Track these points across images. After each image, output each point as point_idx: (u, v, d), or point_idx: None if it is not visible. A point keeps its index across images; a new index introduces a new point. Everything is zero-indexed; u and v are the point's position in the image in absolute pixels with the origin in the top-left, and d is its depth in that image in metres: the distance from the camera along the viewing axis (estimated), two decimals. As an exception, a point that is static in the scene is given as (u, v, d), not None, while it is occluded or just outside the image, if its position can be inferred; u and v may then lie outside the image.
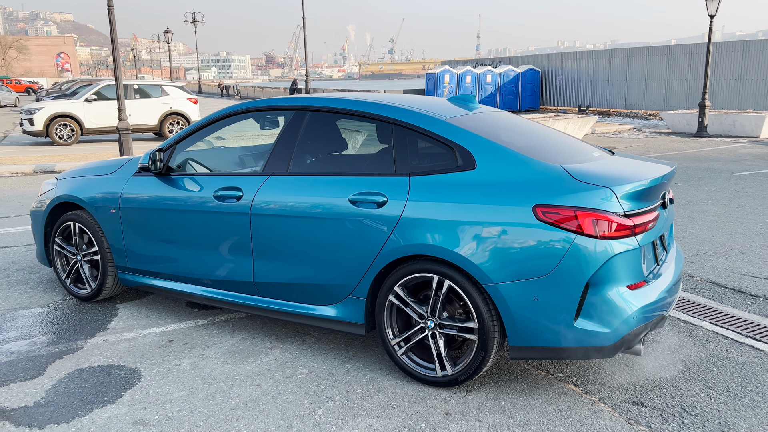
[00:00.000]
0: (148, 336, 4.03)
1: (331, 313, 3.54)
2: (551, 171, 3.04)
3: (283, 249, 3.61)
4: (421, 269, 3.19)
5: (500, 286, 2.96)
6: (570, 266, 2.86)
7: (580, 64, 28.87)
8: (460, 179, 3.16)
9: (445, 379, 3.20)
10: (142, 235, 4.19)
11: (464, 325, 3.12)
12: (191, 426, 2.96)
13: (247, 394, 3.26)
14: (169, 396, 3.25)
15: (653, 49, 25.99)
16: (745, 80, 22.44)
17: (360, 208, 3.34)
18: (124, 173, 4.34)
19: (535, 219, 2.92)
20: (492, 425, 2.90)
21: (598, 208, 2.86)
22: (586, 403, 3.08)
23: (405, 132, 3.42)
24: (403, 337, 3.32)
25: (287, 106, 3.91)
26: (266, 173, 3.75)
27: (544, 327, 2.94)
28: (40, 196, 4.92)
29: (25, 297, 4.81)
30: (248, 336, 4.00)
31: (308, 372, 3.49)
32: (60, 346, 3.90)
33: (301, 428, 2.92)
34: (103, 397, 3.25)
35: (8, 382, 3.44)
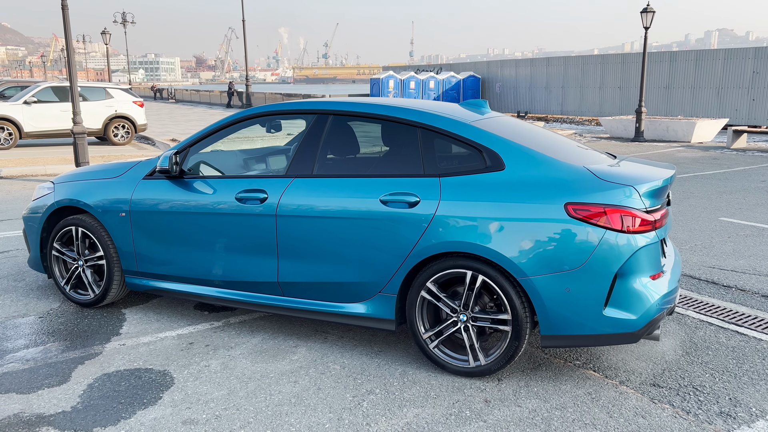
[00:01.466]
0: (166, 339, 4.03)
1: (361, 310, 3.66)
2: (577, 171, 3.28)
3: (311, 249, 3.71)
4: (454, 265, 3.36)
5: (534, 280, 3.17)
6: (600, 259, 3.11)
7: (519, 72, 29.86)
8: (490, 179, 3.36)
9: (479, 369, 3.39)
10: (156, 239, 4.17)
11: (497, 317, 3.31)
12: (242, 423, 3.02)
13: (288, 390, 3.34)
14: (209, 396, 3.29)
15: (588, 58, 27.22)
16: (672, 88, 23.86)
17: (391, 208, 3.48)
18: (133, 176, 4.31)
19: (567, 216, 3.15)
20: (531, 409, 3.10)
21: (625, 205, 3.13)
22: (611, 387, 3.33)
23: (432, 135, 3.59)
24: (435, 331, 3.48)
25: (308, 109, 4.01)
26: (290, 175, 3.83)
27: (575, 316, 3.17)
28: (33, 201, 4.79)
29: (20, 305, 4.67)
30: (269, 336, 4.06)
31: (340, 368, 3.59)
32: (76, 352, 3.85)
33: (352, 420, 3.03)
34: (142, 399, 3.26)
35: (35, 389, 3.38)
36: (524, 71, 29.67)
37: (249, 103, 37.60)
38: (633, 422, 2.97)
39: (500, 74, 30.74)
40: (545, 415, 3.05)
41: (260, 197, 3.82)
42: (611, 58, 26.31)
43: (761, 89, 21.35)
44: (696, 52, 23.40)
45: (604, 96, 26.29)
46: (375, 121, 3.85)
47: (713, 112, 22.40)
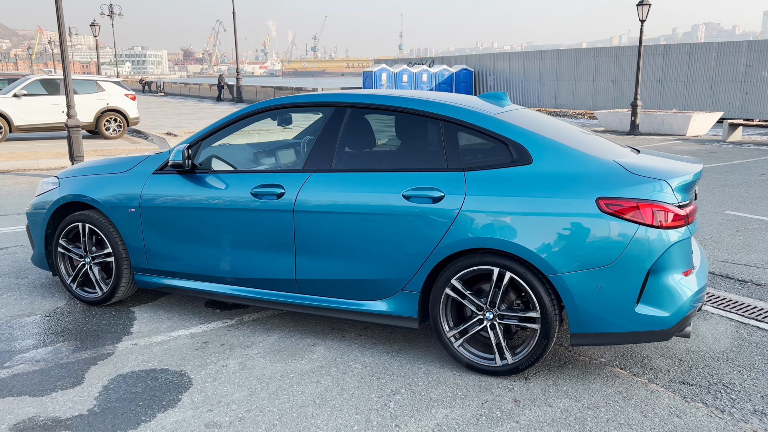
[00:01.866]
0: (179, 338, 3.92)
1: (382, 307, 3.57)
2: (608, 165, 3.21)
3: (330, 246, 3.61)
4: (480, 262, 3.28)
5: (565, 276, 3.10)
6: (633, 255, 3.04)
7: (512, 65, 29.80)
8: (517, 173, 3.27)
9: (506, 368, 3.31)
10: (167, 235, 4.06)
11: (526, 315, 3.24)
12: (268, 425, 2.93)
13: (310, 391, 3.25)
14: (230, 397, 3.19)
15: (581, 51, 27.20)
16: (666, 82, 23.89)
17: (414, 203, 3.39)
18: (142, 171, 4.19)
19: (599, 211, 3.07)
20: (563, 409, 3.03)
21: (658, 200, 3.05)
22: (640, 385, 3.27)
23: (455, 128, 3.50)
24: (460, 329, 3.40)
25: (325, 102, 3.90)
26: (308, 170, 3.73)
27: (607, 314, 3.10)
28: (37, 196, 4.65)
29: (24, 303, 4.54)
30: (285, 334, 3.97)
31: (362, 367, 3.51)
32: (88, 352, 3.73)
33: (381, 422, 2.95)
34: (161, 402, 3.15)
35: (48, 391, 3.27)
36: (517, 64, 29.61)
37: (240, 97, 37.32)
38: (668, 422, 2.91)
39: (493, 67, 30.67)
40: (578, 415, 2.98)
41: (277, 192, 3.71)
42: (604, 51, 26.30)
43: (754, 83, 21.42)
44: (689, 45, 23.43)
45: (597, 89, 26.30)
46: (394, 114, 3.76)
47: (707, 105, 22.46)
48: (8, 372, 3.49)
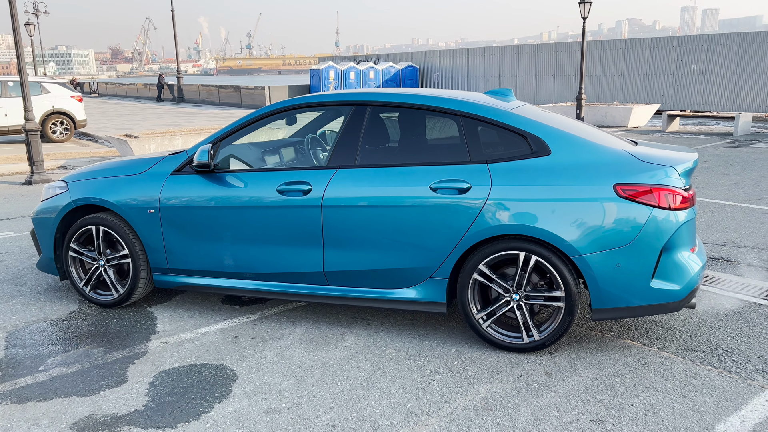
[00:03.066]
0: (208, 335, 4.01)
1: (411, 294, 3.78)
2: (621, 154, 3.52)
3: (359, 238, 3.79)
4: (507, 248, 3.54)
5: (587, 257, 3.39)
6: (648, 235, 3.36)
7: (456, 62, 30.42)
8: (537, 164, 3.54)
9: (532, 344, 3.58)
10: (189, 235, 4.13)
11: (551, 295, 3.51)
12: (325, 408, 3.09)
13: (354, 375, 3.43)
14: (279, 385, 3.33)
15: (523, 47, 28.05)
16: (603, 76, 24.96)
17: (441, 194, 3.61)
18: (159, 172, 4.24)
19: (617, 196, 3.38)
20: (593, 378, 3.33)
21: (669, 184, 3.39)
22: (653, 353, 3.61)
23: (475, 123, 3.74)
24: (488, 311, 3.65)
25: (345, 101, 4.06)
26: (333, 166, 3.89)
27: (625, 290, 3.41)
28: (43, 201, 4.62)
29: (34, 309, 4.51)
30: (312, 325, 4.12)
31: (396, 352, 3.71)
32: (120, 352, 3.78)
33: (430, 399, 3.16)
34: (212, 393, 3.27)
35: (95, 390, 3.32)
36: (461, 61, 30.25)
37: (181, 96, 36.54)
38: (687, 383, 3.24)
39: (438, 64, 31.21)
40: (607, 382, 3.28)
41: (303, 189, 3.86)
42: (545, 47, 27.22)
43: (685, 76, 22.68)
44: (625, 41, 24.56)
45: (539, 84, 27.20)
46: (414, 111, 3.96)
47: (642, 97, 23.62)
48: (46, 375, 3.51)
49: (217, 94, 33.87)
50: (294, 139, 5.17)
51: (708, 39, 22.19)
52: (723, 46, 21.63)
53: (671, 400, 3.09)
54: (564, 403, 3.08)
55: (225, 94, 33.09)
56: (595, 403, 3.08)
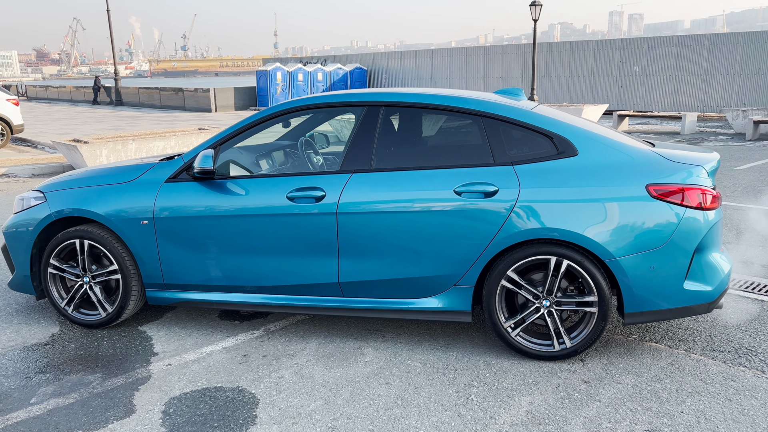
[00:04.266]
0: (213, 354, 3.72)
1: (434, 304, 3.60)
2: (649, 155, 3.45)
3: (378, 246, 3.59)
4: (536, 252, 3.41)
5: (621, 260, 3.30)
6: (682, 235, 3.30)
7: (405, 63, 30.46)
8: (566, 165, 3.43)
9: (564, 352, 3.47)
10: (188, 247, 3.83)
11: (583, 300, 3.41)
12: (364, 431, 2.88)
13: (385, 393, 3.22)
14: (307, 408, 3.10)
15: (470, 49, 28.35)
16: (550, 78, 25.50)
17: (466, 198, 3.45)
18: (151, 180, 3.91)
19: (649, 197, 3.30)
20: (633, 384, 3.24)
21: (700, 184, 3.34)
22: (683, 356, 3.55)
23: (497, 123, 3.60)
24: (517, 319, 3.51)
25: (357, 101, 3.85)
26: (346, 170, 3.67)
27: (659, 292, 3.34)
28: (16, 214, 4.20)
29: (9, 333, 4.09)
30: (324, 340, 3.88)
31: (422, 365, 3.52)
32: (120, 378, 3.45)
33: (473, 415, 2.99)
34: (236, 420, 3.00)
35: (103, 423, 2.99)
36: (409, 63, 30.30)
37: (120, 99, 35.17)
38: (728, 386, 3.20)
39: (386, 66, 31.17)
40: (648, 388, 3.20)
41: (316, 195, 3.62)
42: (493, 49, 27.59)
43: (627, 77, 23.42)
44: (570, 44, 25.16)
45: (487, 86, 27.51)
46: (431, 111, 3.79)
47: (588, 98, 24.25)
48: (41, 408, 3.15)
49: (159, 97, 32.74)
50: (285, 142, 4.91)
51: (648, 42, 22.99)
52: (663, 48, 22.46)
53: (718, 404, 3.03)
54: (613, 414, 2.97)
55: (167, 97, 32.01)
56: (644, 411, 2.98)
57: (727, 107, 20.57)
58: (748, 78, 20.54)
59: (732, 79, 20.90)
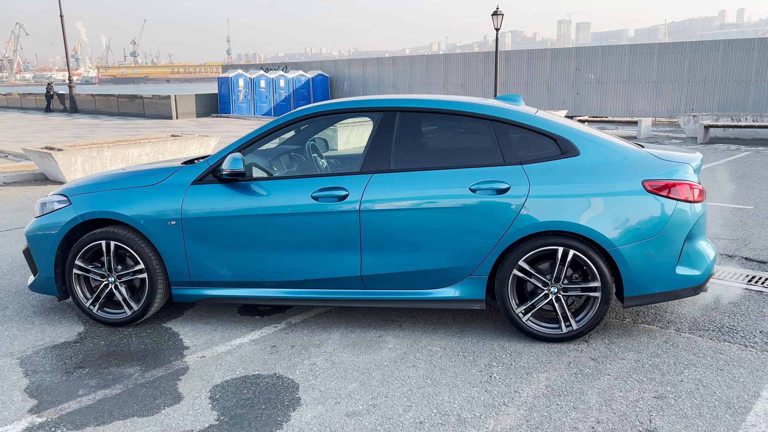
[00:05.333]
0: (243, 346, 3.93)
1: (450, 294, 3.91)
2: (642, 154, 3.85)
3: (398, 241, 3.87)
4: (545, 243, 3.76)
5: (622, 249, 3.68)
6: (674, 226, 3.70)
7: (367, 70, 30.83)
8: (570, 164, 3.79)
9: (571, 333, 3.82)
10: (216, 246, 4.03)
11: (588, 286, 3.77)
12: (404, 407, 3.16)
13: (414, 374, 3.51)
14: (345, 389, 3.35)
15: (432, 57, 28.92)
16: (509, 84, 26.23)
17: (481, 195, 3.78)
18: (177, 182, 4.11)
19: (645, 192, 3.69)
20: (635, 360, 3.61)
21: (688, 180, 3.74)
22: (674, 334, 3.95)
23: (505, 127, 3.94)
24: (527, 305, 3.84)
25: (373, 107, 4.13)
26: (367, 171, 3.94)
27: (654, 277, 3.73)
28: (40, 217, 4.32)
29: (35, 333, 4.20)
30: (346, 330, 4.13)
31: (442, 350, 3.82)
32: (159, 370, 3.63)
33: (498, 390, 3.30)
34: (282, 402, 3.23)
35: (155, 410, 3.18)
36: (371, 70, 30.69)
37: (74, 107, 34.41)
38: (718, 358, 3.60)
39: (348, 73, 31.48)
40: (650, 363, 3.57)
41: (339, 194, 3.89)
42: (453, 57, 28.22)
43: (583, 84, 24.35)
44: (528, 52, 25.98)
45: (449, 93, 28.12)
46: (444, 116, 4.10)
47: (545, 104, 25.07)
48: (90, 399, 3.31)
49: (117, 104, 32.21)
50: (291, 146, 5.15)
51: (603, 50, 23.96)
52: (616, 57, 23.45)
53: (712, 374, 3.42)
54: (622, 384, 3.33)
55: (125, 104, 31.54)
56: (649, 382, 3.35)
57: (676, 113, 21.66)
58: (695, 85, 21.66)
59: (681, 87, 21.99)
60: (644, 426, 2.93)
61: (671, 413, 3.04)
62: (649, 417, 3.01)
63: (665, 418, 2.99)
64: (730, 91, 20.90)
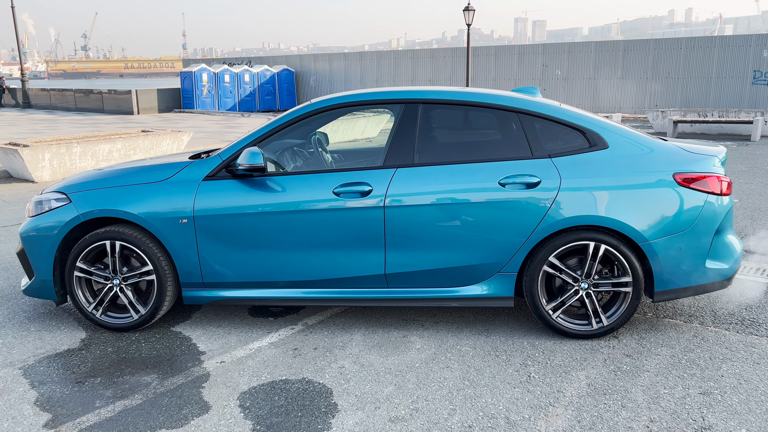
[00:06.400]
0: (262, 350, 3.74)
1: (478, 291, 3.80)
2: (670, 147, 3.80)
3: (425, 238, 3.74)
4: (577, 238, 3.68)
5: (654, 243, 3.62)
6: (705, 219, 3.66)
7: (333, 66, 30.53)
8: (599, 157, 3.72)
9: (601, 330, 3.75)
10: (231, 245, 3.83)
11: (619, 281, 3.70)
12: (448, 411, 3.03)
13: (450, 376, 3.38)
14: (382, 393, 3.21)
15: (399, 53, 28.81)
16: (476, 80, 26.32)
17: (510, 190, 3.67)
18: (187, 178, 3.88)
19: (677, 185, 3.64)
20: (669, 355, 3.56)
21: (717, 172, 3.71)
22: (700, 329, 3.93)
23: (532, 119, 3.84)
24: (557, 302, 3.76)
25: (394, 99, 3.97)
26: (390, 165, 3.80)
27: (685, 271, 3.69)
28: (35, 216, 4.02)
29: (33, 340, 3.92)
30: (368, 331, 3.98)
31: (472, 349, 3.70)
32: (178, 377, 3.42)
33: (541, 390, 3.21)
34: (318, 408, 3.07)
35: (184, 420, 2.98)
36: (338, 65, 30.41)
37: (27, 102, 33.12)
38: (752, 352, 3.58)
39: (314, 68, 31.11)
40: (685, 358, 3.53)
41: (362, 190, 3.73)
42: (421, 53, 28.18)
43: (550, 80, 24.61)
44: (495, 48, 26.12)
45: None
46: (468, 108, 3.98)
47: (514, 101, 25.24)
48: (110, 410, 3.08)
49: (74, 99, 31.13)
50: (295, 140, 4.95)
51: (569, 47, 24.27)
52: (582, 53, 23.77)
53: (750, 368, 3.39)
54: (665, 381, 3.27)
55: (83, 99, 30.50)
56: (690, 377, 3.30)
57: (640, 109, 22.09)
58: (659, 82, 22.11)
59: (645, 83, 22.43)
60: (698, 424, 2.87)
61: (721, 409, 2.99)
62: (700, 414, 2.95)
63: (717, 415, 2.94)
64: (692, 88, 21.42)
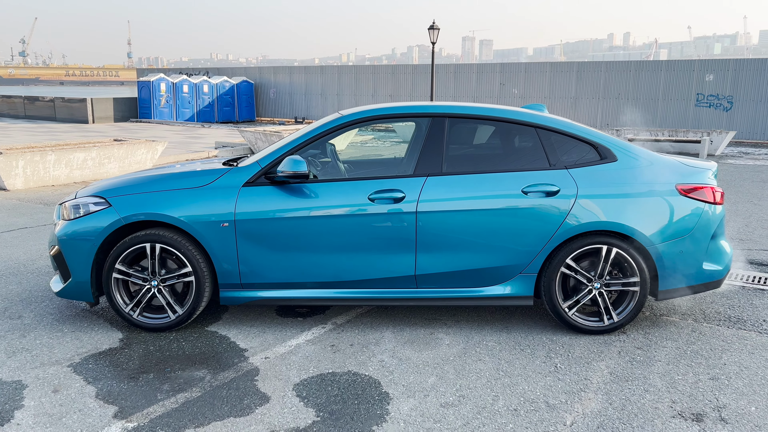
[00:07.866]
0: (301, 347, 3.95)
1: (501, 291, 4.12)
2: (671, 161, 4.24)
3: (453, 241, 4.04)
4: (591, 242, 4.05)
5: (659, 247, 4.04)
6: (703, 225, 4.10)
7: (293, 78, 30.70)
8: (610, 169, 4.12)
9: (612, 326, 4.13)
10: (270, 248, 4.03)
11: (628, 281, 4.09)
12: (492, 397, 3.32)
13: (483, 367, 3.68)
14: (426, 383, 3.47)
15: (360, 68, 29.24)
16: (436, 97, 26.99)
17: (532, 198, 4.03)
18: (228, 184, 4.07)
19: (679, 194, 4.07)
20: (675, 347, 3.96)
21: (711, 184, 4.17)
22: (695, 325, 4.35)
23: (549, 134, 4.22)
24: (573, 300, 4.12)
25: (422, 113, 4.29)
26: (420, 174, 4.09)
27: (685, 272, 4.12)
28: (73, 220, 4.12)
29: (71, 340, 4.02)
30: (396, 329, 4.24)
31: (497, 344, 4.01)
32: (228, 372, 3.59)
33: (570, 378, 3.54)
34: (372, 397, 3.31)
35: (249, 410, 3.18)
36: (299, 78, 30.59)
37: (-26, 108, 31.90)
38: (745, 344, 4.02)
39: (274, 80, 31.19)
40: (689, 349, 3.93)
41: (395, 197, 4.01)
42: (382, 69, 28.70)
43: (507, 98, 25.47)
44: (455, 66, 26.88)
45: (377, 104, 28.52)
46: (490, 123, 4.33)
47: (472, 117, 25.96)
48: (174, 402, 3.24)
49: (23, 106, 30.24)
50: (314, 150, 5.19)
51: (526, 67, 25.22)
52: (538, 73, 24.75)
53: (748, 357, 3.83)
54: (676, 369, 3.66)
55: (33, 107, 29.69)
56: (698, 366, 3.70)
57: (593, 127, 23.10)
58: (610, 101, 23.25)
59: (597, 103, 23.54)
60: (714, 404, 3.26)
61: (730, 392, 3.39)
62: (714, 396, 3.34)
63: (728, 396, 3.34)
64: (641, 108, 22.59)
